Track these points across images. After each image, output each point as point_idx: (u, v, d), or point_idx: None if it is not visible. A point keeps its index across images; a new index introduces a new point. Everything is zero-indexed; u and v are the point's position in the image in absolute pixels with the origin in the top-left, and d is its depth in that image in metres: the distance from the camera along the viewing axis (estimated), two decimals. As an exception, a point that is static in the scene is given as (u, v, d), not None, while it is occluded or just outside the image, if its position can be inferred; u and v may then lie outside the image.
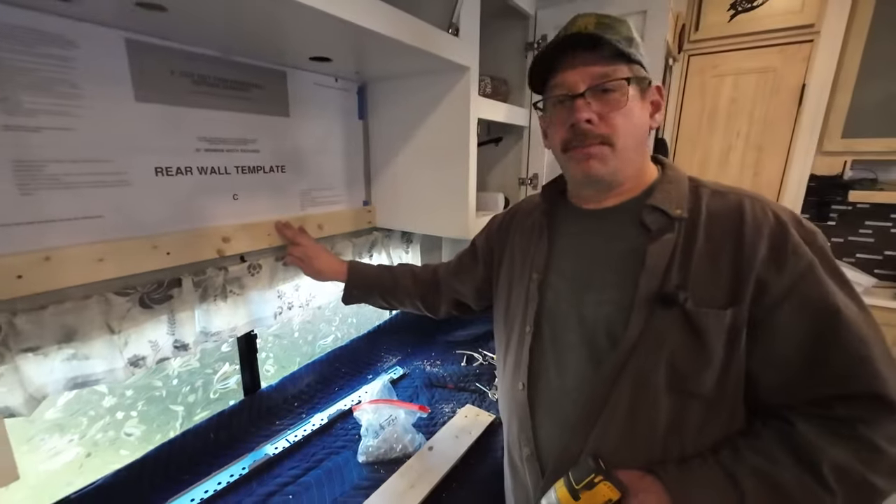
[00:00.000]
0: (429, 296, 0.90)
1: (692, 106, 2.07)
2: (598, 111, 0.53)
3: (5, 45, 0.58)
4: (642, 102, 0.56)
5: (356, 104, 1.18)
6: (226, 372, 1.07)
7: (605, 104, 0.53)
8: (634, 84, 0.54)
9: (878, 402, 0.46)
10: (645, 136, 0.58)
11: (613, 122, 0.53)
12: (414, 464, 0.92)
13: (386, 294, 0.91)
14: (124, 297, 0.75)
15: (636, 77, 0.54)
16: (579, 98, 0.53)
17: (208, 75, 0.83)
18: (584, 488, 0.50)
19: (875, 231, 2.09)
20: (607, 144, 0.54)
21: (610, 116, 0.53)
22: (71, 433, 0.81)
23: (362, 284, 0.91)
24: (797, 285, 0.47)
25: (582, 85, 0.53)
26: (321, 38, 0.79)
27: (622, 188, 0.59)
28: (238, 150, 0.91)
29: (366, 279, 0.91)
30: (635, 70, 0.54)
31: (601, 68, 0.52)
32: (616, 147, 0.54)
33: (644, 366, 0.52)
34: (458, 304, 0.89)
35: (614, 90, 0.53)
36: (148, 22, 0.67)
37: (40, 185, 0.64)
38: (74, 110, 0.66)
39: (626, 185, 0.59)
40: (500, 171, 1.46)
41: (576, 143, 0.55)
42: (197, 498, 0.83)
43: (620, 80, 0.52)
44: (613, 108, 0.53)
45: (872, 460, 0.45)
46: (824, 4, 1.74)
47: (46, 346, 0.67)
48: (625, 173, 0.57)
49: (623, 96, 0.53)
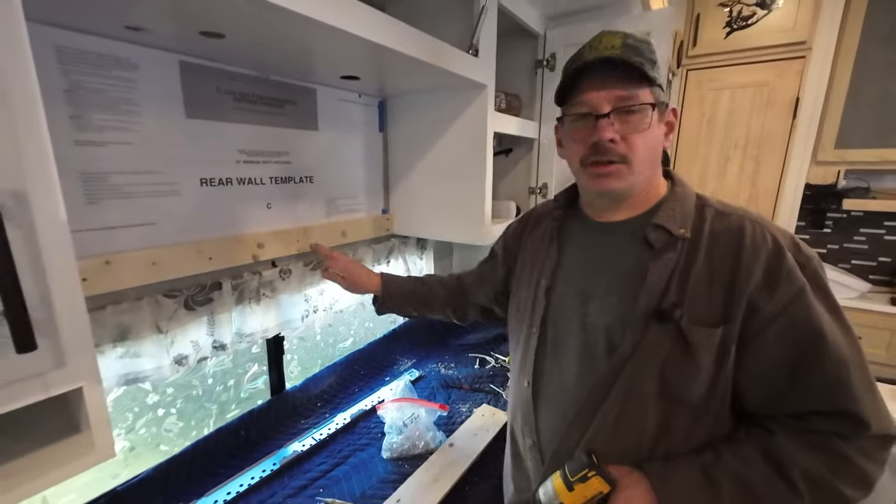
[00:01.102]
0: (458, 304, 0.94)
1: (691, 118, 2.16)
2: (620, 131, 0.56)
3: (82, 69, 0.65)
4: (659, 125, 0.59)
5: (377, 118, 1.25)
6: (255, 372, 1.12)
7: (627, 125, 0.56)
8: (655, 108, 0.56)
9: (852, 419, 0.50)
10: (659, 156, 0.60)
11: (633, 143, 0.56)
12: (437, 459, 0.97)
13: (419, 304, 0.94)
14: (172, 299, 0.80)
15: (657, 102, 0.57)
16: (604, 118, 0.56)
17: (248, 93, 0.89)
18: (577, 481, 0.54)
19: (869, 238, 2.16)
20: (625, 163, 0.57)
21: (631, 137, 0.56)
22: (118, 428, 0.85)
23: (397, 294, 0.94)
24: (787, 308, 0.50)
25: (607, 105, 0.56)
26: (354, 59, 0.86)
27: (632, 203, 0.62)
28: (273, 161, 0.97)
29: (400, 289, 0.94)
30: (656, 93, 0.57)
31: (626, 91, 0.55)
32: (633, 166, 0.57)
33: (637, 375, 0.55)
34: (483, 311, 0.93)
35: (637, 112, 0.55)
36: (202, 47, 0.74)
37: (103, 194, 0.70)
38: (134, 126, 0.73)
39: (637, 200, 0.62)
40: (511, 181, 1.53)
41: (595, 159, 0.58)
42: (233, 491, 0.87)
43: (644, 105, 0.55)
44: (635, 129, 0.56)
45: (843, 471, 0.49)
46: (815, 23, 1.84)
47: (104, 345, 0.72)
48: (637, 189, 0.61)
49: (645, 119, 0.56)
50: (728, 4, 1.97)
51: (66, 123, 0.64)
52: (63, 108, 0.64)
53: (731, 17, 1.97)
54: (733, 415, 0.57)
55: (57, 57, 0.62)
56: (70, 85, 0.64)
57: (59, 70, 0.63)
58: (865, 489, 0.50)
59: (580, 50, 0.59)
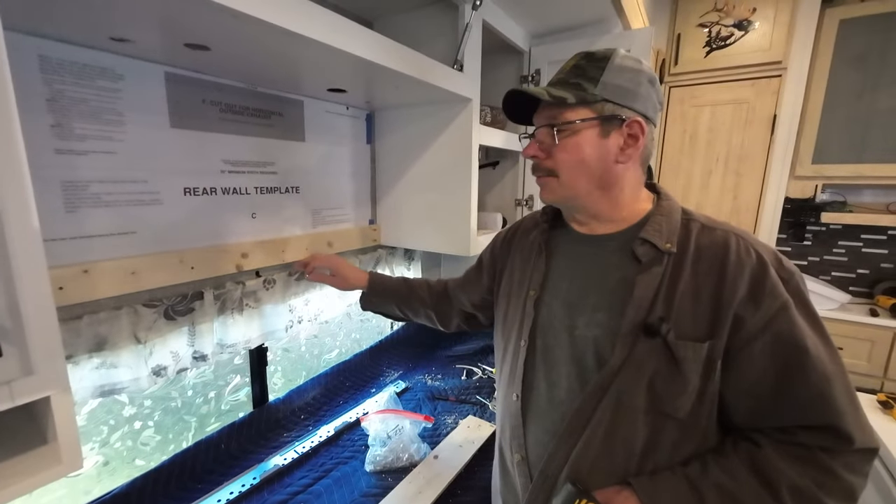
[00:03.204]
0: (441, 307, 0.94)
1: (674, 133, 2.22)
2: (546, 148, 0.62)
3: (65, 79, 0.65)
4: (602, 139, 0.59)
5: (365, 130, 1.26)
6: (237, 384, 1.10)
7: (550, 141, 0.61)
8: (590, 123, 0.58)
9: (837, 433, 0.50)
10: (609, 170, 0.60)
11: (556, 157, 0.61)
12: (421, 471, 0.95)
13: (402, 303, 0.95)
14: (151, 309, 0.79)
15: (597, 117, 0.58)
16: (530, 137, 0.64)
17: (235, 104, 0.90)
18: None
19: (848, 250, 2.22)
20: (553, 176, 0.62)
21: (553, 152, 0.61)
22: (92, 441, 0.83)
23: (381, 290, 0.96)
24: (771, 323, 0.51)
25: (539, 123, 0.63)
26: (340, 73, 0.87)
27: (606, 216, 0.63)
28: (258, 171, 0.97)
29: (385, 286, 0.96)
30: (598, 109, 0.58)
31: (556, 110, 0.60)
32: (560, 178, 0.61)
33: (626, 389, 0.56)
34: (467, 317, 0.93)
35: (562, 130, 0.60)
36: (188, 58, 0.74)
37: (83, 203, 0.70)
38: (117, 136, 0.73)
39: (610, 213, 0.63)
40: (498, 193, 1.55)
41: (534, 173, 0.65)
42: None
43: (565, 123, 0.59)
44: (560, 147, 0.60)
45: (827, 484, 0.50)
46: (789, 44, 1.91)
47: (78, 355, 0.71)
48: (585, 201, 0.62)
49: (569, 136, 0.59)
50: (707, 25, 2.04)
51: (46, 132, 0.64)
52: (44, 116, 0.64)
53: (711, 37, 2.04)
54: (721, 429, 0.58)
55: (40, 66, 0.63)
56: (52, 94, 0.64)
57: (41, 80, 0.63)
58: (849, 502, 0.51)
59: None
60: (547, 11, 1.22)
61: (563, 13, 1.24)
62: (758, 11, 1.95)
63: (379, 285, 0.96)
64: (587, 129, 0.59)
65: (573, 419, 0.59)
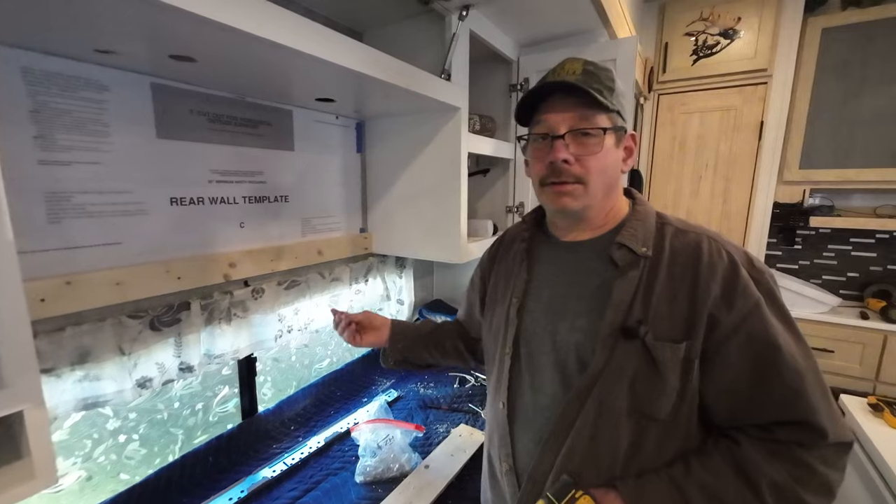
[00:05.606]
0: (465, 336, 0.91)
1: (664, 140, 2.24)
2: (575, 153, 0.58)
3: (50, 90, 0.65)
4: (616, 149, 0.61)
5: (355, 139, 1.27)
6: (225, 395, 1.09)
7: (582, 147, 0.58)
8: (611, 132, 0.59)
9: (811, 428, 0.52)
10: (616, 179, 0.63)
11: (587, 165, 0.59)
12: (412, 481, 0.94)
13: (428, 341, 0.89)
14: (136, 320, 0.79)
15: (613, 126, 0.59)
16: (559, 139, 0.58)
17: (223, 114, 0.90)
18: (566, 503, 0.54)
19: (837, 254, 2.23)
20: (580, 183, 0.59)
21: (585, 159, 0.58)
22: (75, 456, 0.82)
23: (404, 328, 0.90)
24: (744, 322, 0.53)
25: (563, 127, 0.58)
26: (328, 83, 0.88)
27: (595, 223, 0.64)
28: (246, 181, 0.97)
29: (406, 326, 0.91)
30: (613, 118, 0.59)
31: (582, 114, 0.58)
32: (588, 187, 0.59)
33: (608, 392, 0.56)
34: None
35: (592, 135, 0.58)
36: (174, 70, 0.75)
37: (67, 214, 0.69)
38: (102, 146, 0.73)
39: (599, 220, 0.64)
40: (489, 200, 1.55)
41: (552, 179, 0.60)
42: (196, 521, 0.84)
43: (599, 129, 0.58)
44: (589, 152, 0.58)
45: (804, 479, 0.51)
46: (774, 52, 1.95)
47: (60, 368, 0.70)
48: (595, 210, 0.63)
49: (599, 143, 0.58)
50: (694, 34, 2.08)
51: (29, 143, 0.64)
52: (28, 128, 0.64)
53: (697, 46, 2.08)
54: (703, 428, 0.58)
55: (23, 78, 0.63)
56: (36, 106, 0.64)
57: (25, 91, 0.63)
58: (828, 497, 0.52)
59: (546, 74, 0.63)
60: (533, 21, 1.24)
61: (550, 23, 1.26)
62: (742, 20, 1.98)
63: (399, 324, 0.90)
64: (609, 137, 0.60)
65: (558, 424, 0.59)
